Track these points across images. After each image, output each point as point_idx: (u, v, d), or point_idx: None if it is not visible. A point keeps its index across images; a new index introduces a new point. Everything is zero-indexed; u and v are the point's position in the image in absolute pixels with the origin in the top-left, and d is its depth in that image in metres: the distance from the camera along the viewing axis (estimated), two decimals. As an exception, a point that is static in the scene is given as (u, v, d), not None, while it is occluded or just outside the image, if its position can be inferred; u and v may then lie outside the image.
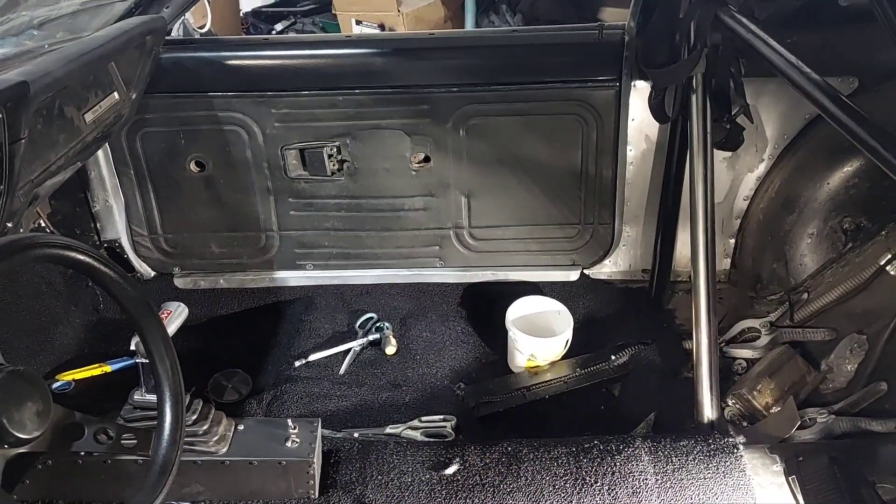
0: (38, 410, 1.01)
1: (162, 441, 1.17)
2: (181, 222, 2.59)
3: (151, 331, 1.21)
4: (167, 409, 1.19)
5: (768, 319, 2.25)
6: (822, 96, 1.57)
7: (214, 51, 2.34)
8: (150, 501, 1.08)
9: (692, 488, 1.69)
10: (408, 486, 1.73)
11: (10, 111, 1.50)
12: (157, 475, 1.13)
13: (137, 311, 1.20)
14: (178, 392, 1.21)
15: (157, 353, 1.21)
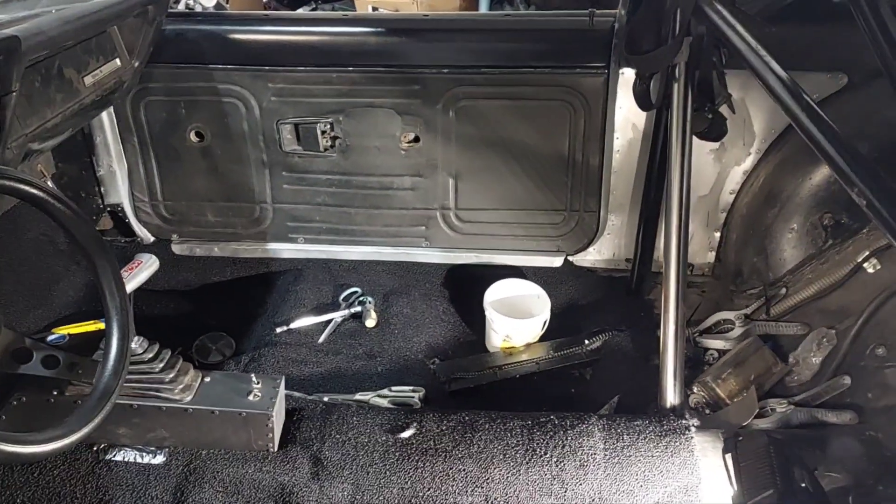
0: (-15, 331, 1.09)
1: (105, 371, 1.24)
2: (180, 190, 2.68)
3: (103, 266, 1.28)
4: (113, 342, 1.27)
5: (743, 312, 2.26)
6: (786, 95, 1.57)
7: (216, 24, 2.42)
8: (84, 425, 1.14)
9: (639, 465, 1.72)
10: (363, 445, 1.79)
11: (1, 64, 1.58)
12: (95, 401, 1.19)
13: (90, 247, 1.28)
14: (124, 326, 1.28)
15: (107, 289, 1.28)
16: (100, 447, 1.77)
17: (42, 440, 1.08)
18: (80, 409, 1.18)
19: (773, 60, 1.57)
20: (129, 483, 1.72)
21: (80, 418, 1.15)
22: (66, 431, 1.11)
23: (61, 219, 1.24)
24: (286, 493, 1.71)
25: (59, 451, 1.10)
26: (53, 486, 1.71)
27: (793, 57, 2.11)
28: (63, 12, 1.90)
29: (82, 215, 1.27)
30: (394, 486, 1.72)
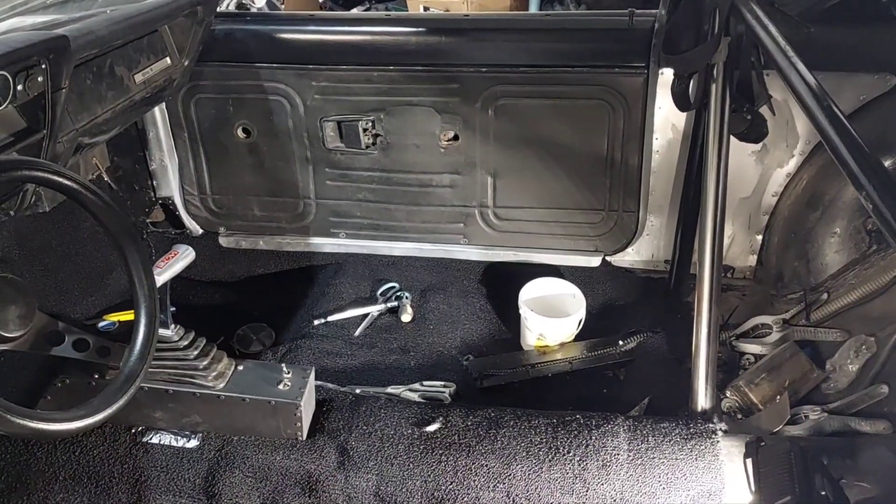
0: (21, 314, 1.16)
1: (132, 354, 1.31)
2: (228, 185, 2.77)
3: (132, 255, 1.35)
4: (141, 328, 1.33)
5: (782, 317, 2.21)
6: (810, 98, 1.53)
7: (263, 24, 2.50)
8: (108, 406, 1.21)
9: (663, 467, 1.71)
10: (389, 437, 1.83)
11: (52, 62, 1.68)
12: (120, 383, 1.26)
13: (120, 237, 1.34)
14: (152, 313, 1.34)
15: (136, 276, 1.35)
16: (137, 429, 1.86)
17: (67, 419, 1.15)
18: (105, 391, 1.25)
19: (801, 63, 1.53)
20: (164, 465, 1.80)
21: (104, 400, 1.22)
22: (91, 411, 1.18)
23: (93, 209, 1.32)
24: (312, 481, 1.77)
25: (82, 431, 1.17)
26: (93, 464, 1.80)
27: (837, 58, 2.07)
28: (114, 13, 2.00)
29: (113, 206, 1.34)
30: (417, 479, 1.76)
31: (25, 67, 1.61)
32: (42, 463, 1.79)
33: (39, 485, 1.77)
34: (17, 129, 1.72)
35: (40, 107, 1.73)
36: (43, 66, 1.67)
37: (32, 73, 1.65)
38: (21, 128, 1.72)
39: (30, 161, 1.25)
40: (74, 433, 1.16)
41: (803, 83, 1.48)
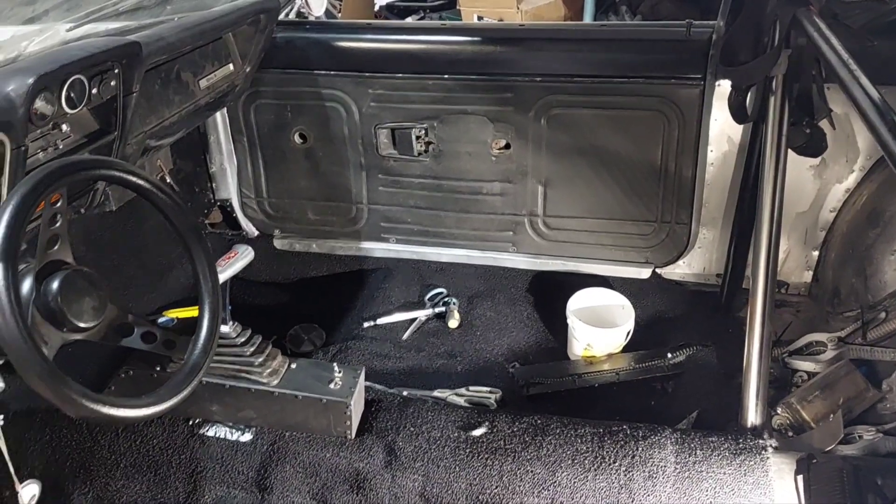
0: (94, 306, 1.23)
1: (196, 348, 1.37)
2: (284, 189, 2.84)
3: (198, 253, 1.41)
4: (204, 322, 1.39)
5: (837, 335, 2.16)
6: (873, 113, 1.51)
7: (322, 32, 2.57)
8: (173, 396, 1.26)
9: (710, 481, 1.69)
10: (435, 440, 1.85)
11: (124, 67, 1.76)
12: (184, 375, 1.31)
13: (188, 235, 1.40)
14: (216, 309, 1.40)
15: (202, 273, 1.40)
16: (194, 421, 1.92)
17: (136, 405, 1.20)
18: (170, 381, 1.30)
19: (864, 76, 1.51)
20: (219, 456, 1.85)
21: (170, 390, 1.27)
22: (157, 400, 1.24)
23: (163, 208, 1.38)
24: (360, 479, 1.80)
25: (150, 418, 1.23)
26: (152, 453, 1.87)
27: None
28: (183, 20, 2.08)
29: (182, 206, 1.40)
30: (462, 482, 1.78)
31: (100, 72, 1.70)
32: (104, 451, 1.87)
33: (101, 472, 1.84)
34: (90, 130, 1.80)
35: (112, 110, 1.82)
36: (116, 71, 1.75)
37: (106, 78, 1.73)
38: (94, 129, 1.81)
39: (108, 161, 1.32)
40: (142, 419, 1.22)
41: (866, 97, 1.46)
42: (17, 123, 1.44)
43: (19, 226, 1.06)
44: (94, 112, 1.79)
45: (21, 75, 1.44)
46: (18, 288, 1.05)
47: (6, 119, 1.41)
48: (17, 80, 1.43)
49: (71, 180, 1.19)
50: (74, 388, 1.09)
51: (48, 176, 1.13)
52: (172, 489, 1.82)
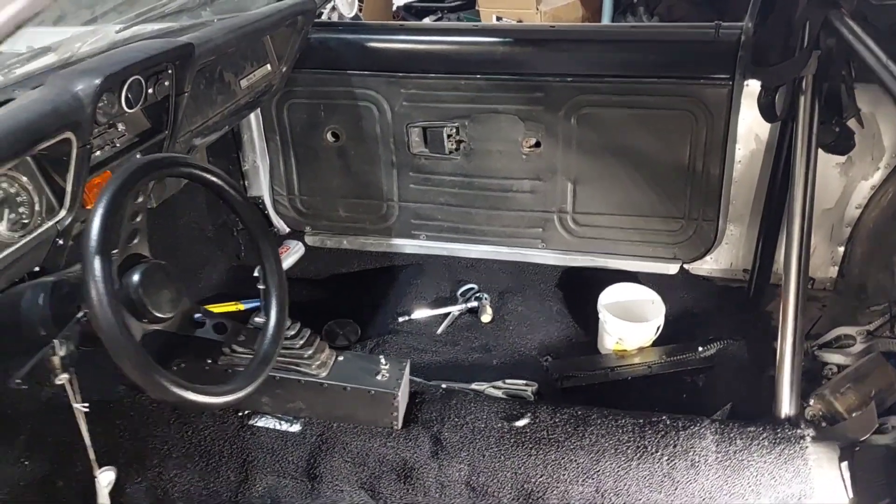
0: (171, 298, 1.28)
1: (266, 338, 1.42)
2: (315, 186, 2.89)
3: (265, 247, 1.46)
4: (273, 314, 1.44)
5: (866, 328, 2.21)
6: None
7: (356, 33, 2.61)
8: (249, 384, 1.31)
9: (751, 469, 1.75)
10: (480, 430, 1.90)
11: (178, 68, 1.81)
12: (257, 364, 1.37)
13: (256, 231, 1.46)
14: (283, 301, 1.45)
15: (268, 266, 1.46)
16: (244, 413, 1.97)
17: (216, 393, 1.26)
18: (244, 371, 1.35)
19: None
20: (270, 447, 1.91)
21: (245, 378, 1.33)
22: (235, 388, 1.29)
23: (234, 204, 1.43)
24: (408, 469, 1.85)
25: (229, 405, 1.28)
26: (204, 444, 1.92)
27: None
28: (227, 22, 2.13)
29: (251, 203, 1.45)
30: (507, 471, 1.83)
31: (156, 72, 1.75)
32: (157, 441, 1.92)
33: (154, 462, 1.89)
34: (142, 129, 1.85)
35: (164, 109, 1.87)
36: (170, 72, 1.81)
37: (161, 78, 1.78)
38: (145, 129, 1.86)
39: (188, 159, 1.37)
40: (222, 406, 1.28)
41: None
42: (84, 122, 1.49)
43: (112, 220, 1.10)
44: (146, 112, 1.84)
45: (88, 76, 1.49)
46: (114, 281, 1.11)
47: (75, 118, 1.46)
48: (85, 81, 1.48)
49: (156, 177, 1.24)
50: (164, 375, 1.14)
51: (136, 172, 1.18)
52: (224, 478, 1.86)
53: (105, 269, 1.07)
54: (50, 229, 1.52)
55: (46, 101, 1.38)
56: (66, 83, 1.45)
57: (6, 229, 1.41)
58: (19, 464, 1.91)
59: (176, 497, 1.85)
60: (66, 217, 1.55)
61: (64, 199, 1.53)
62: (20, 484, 1.87)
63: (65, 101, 1.42)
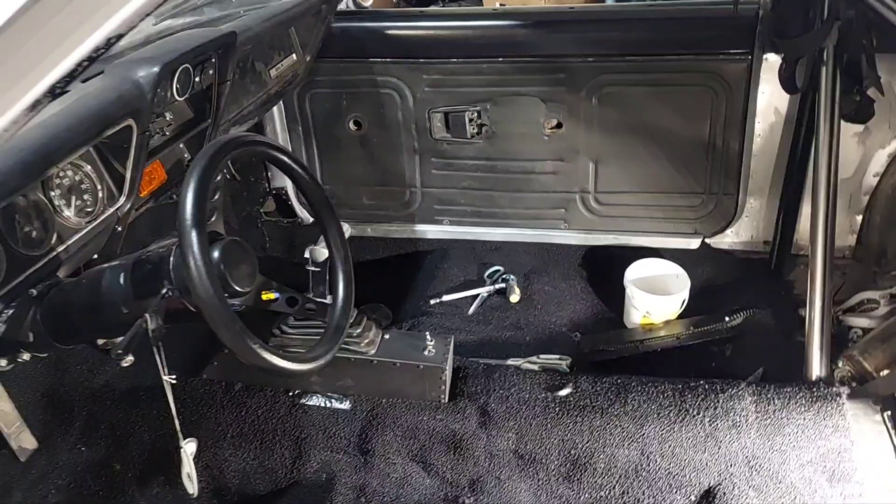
0: (248, 272, 1.32)
1: (336, 310, 1.47)
2: (339, 175, 2.93)
3: (330, 224, 1.51)
4: (341, 287, 1.49)
5: (889, 291, 2.28)
6: None
7: (378, 21, 2.66)
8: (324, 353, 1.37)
9: (791, 426, 1.81)
10: (525, 401, 1.96)
11: (220, 56, 1.85)
12: (332, 333, 1.42)
13: (322, 209, 1.51)
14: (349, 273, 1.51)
15: (334, 243, 1.51)
16: (294, 392, 2.02)
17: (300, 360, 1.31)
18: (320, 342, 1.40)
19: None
20: (322, 424, 1.95)
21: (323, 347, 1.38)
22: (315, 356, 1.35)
23: (302, 184, 1.48)
24: (457, 440, 1.91)
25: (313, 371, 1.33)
26: (257, 423, 1.97)
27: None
28: (259, 12, 2.17)
29: (317, 182, 1.50)
30: (554, 438, 1.88)
31: (201, 61, 1.79)
32: (211, 423, 1.96)
33: (209, 443, 1.93)
34: (186, 118, 1.90)
35: (206, 98, 1.91)
36: (213, 60, 1.85)
37: (206, 67, 1.83)
38: (189, 118, 1.91)
39: (262, 139, 1.42)
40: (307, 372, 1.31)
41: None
42: (144, 109, 1.54)
43: (205, 195, 1.15)
44: (189, 101, 1.88)
45: (146, 64, 1.54)
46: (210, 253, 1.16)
47: (136, 106, 1.51)
48: (145, 69, 1.53)
49: (236, 155, 1.28)
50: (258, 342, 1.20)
51: (221, 149, 1.23)
52: (279, 455, 1.91)
53: (202, 242, 1.12)
54: (111, 216, 1.57)
55: (111, 89, 1.43)
56: (126, 72, 1.50)
57: (74, 215, 1.45)
58: (76, 450, 1.95)
59: (231, 476, 1.90)
60: (125, 204, 1.60)
61: (123, 186, 1.58)
62: (78, 469, 1.91)
63: (127, 88, 1.46)
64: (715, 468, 1.77)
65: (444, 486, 1.83)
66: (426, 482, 1.85)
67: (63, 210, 1.41)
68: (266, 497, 1.87)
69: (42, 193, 1.37)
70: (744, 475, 1.75)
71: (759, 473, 1.75)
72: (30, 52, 0.63)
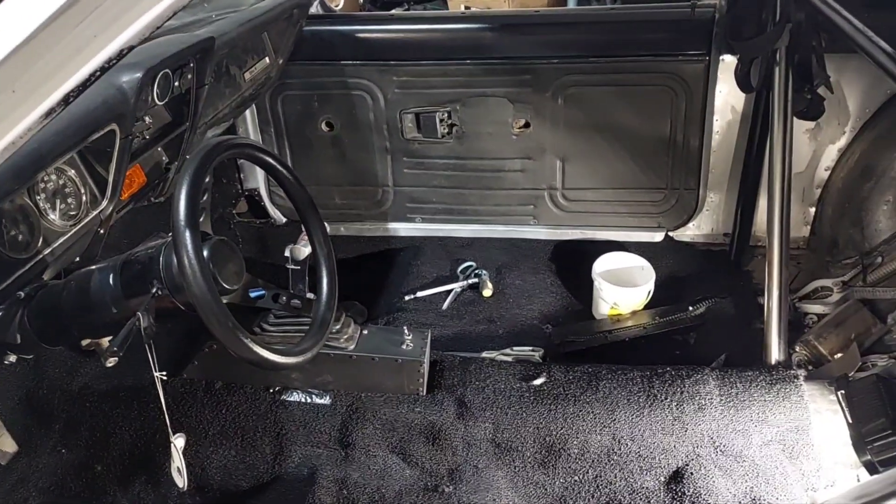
0: (236, 270, 1.37)
1: (321, 305, 1.52)
2: (311, 176, 2.96)
3: (315, 223, 1.56)
4: (324, 283, 1.54)
5: (841, 279, 2.40)
6: None
7: (348, 24, 2.71)
8: (311, 347, 1.42)
9: (753, 407, 1.91)
10: (501, 391, 2.03)
11: (198, 61, 1.89)
12: (317, 328, 1.47)
13: (306, 209, 1.56)
14: (332, 270, 1.56)
15: (318, 241, 1.56)
16: (275, 389, 2.06)
17: (288, 354, 1.36)
18: (306, 336, 1.45)
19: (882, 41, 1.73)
20: (302, 419, 2.00)
21: (308, 342, 1.43)
22: (304, 349, 1.40)
23: (285, 183, 1.52)
24: (435, 431, 1.97)
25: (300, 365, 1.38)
26: (238, 420, 2.00)
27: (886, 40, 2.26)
28: (233, 16, 2.20)
29: (301, 182, 1.55)
30: (530, 426, 1.95)
31: (180, 66, 1.82)
32: (193, 421, 1.99)
33: (190, 441, 1.94)
34: (164, 122, 1.93)
35: (184, 102, 1.94)
36: (191, 65, 1.88)
37: (185, 71, 1.86)
38: (167, 121, 1.94)
39: (248, 141, 1.46)
40: (294, 366, 1.36)
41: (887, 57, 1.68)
42: (128, 114, 1.57)
43: (198, 196, 1.19)
44: (167, 105, 1.91)
45: (129, 70, 1.57)
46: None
47: (120, 110, 1.54)
48: (128, 74, 1.56)
49: (225, 157, 1.33)
50: (249, 337, 1.24)
51: (211, 152, 1.27)
52: (260, 451, 1.95)
53: (196, 240, 1.16)
54: (94, 219, 1.60)
55: (96, 94, 1.46)
56: (110, 77, 1.51)
57: (59, 218, 1.48)
58: (57, 452, 1.97)
59: (213, 472, 1.93)
60: (108, 206, 1.63)
61: (106, 189, 1.61)
62: (59, 472, 1.93)
63: (111, 93, 1.49)
64: (682, 450, 1.86)
65: (423, 476, 1.89)
66: (406, 473, 1.90)
67: (48, 213, 1.44)
68: (248, 492, 1.90)
69: (28, 198, 1.39)
70: (710, 455, 1.84)
71: (723, 453, 1.84)
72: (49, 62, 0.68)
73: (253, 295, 1.45)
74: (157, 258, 1.29)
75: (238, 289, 1.38)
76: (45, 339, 1.42)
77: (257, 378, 2.05)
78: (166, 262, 1.28)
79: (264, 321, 1.99)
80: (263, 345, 1.27)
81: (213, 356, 2.02)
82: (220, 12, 2.33)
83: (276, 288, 1.48)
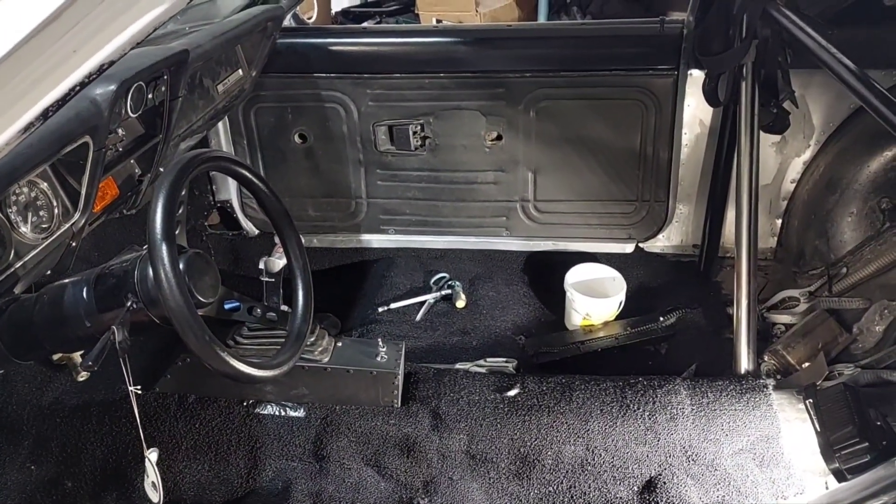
0: (211, 284, 1.36)
1: (296, 318, 1.52)
2: (284, 188, 2.95)
3: (289, 235, 1.56)
4: (300, 295, 1.54)
5: (808, 289, 2.46)
6: (861, 87, 1.79)
7: (322, 37, 2.71)
8: (288, 359, 1.41)
9: (724, 417, 1.94)
10: (475, 403, 2.04)
11: (172, 73, 1.88)
12: (293, 341, 1.46)
13: (281, 221, 1.55)
14: (308, 282, 1.55)
15: (293, 253, 1.56)
16: (249, 402, 2.04)
17: (264, 367, 1.35)
18: (282, 349, 1.45)
19: (845, 57, 1.79)
20: (276, 433, 1.98)
21: (284, 355, 1.42)
22: (280, 362, 1.39)
23: (260, 195, 1.52)
24: (410, 443, 1.96)
25: (275, 378, 1.37)
26: (212, 434, 1.98)
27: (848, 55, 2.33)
28: (207, 29, 2.20)
29: (276, 195, 1.55)
30: (504, 437, 1.96)
31: (154, 78, 1.81)
32: (166, 436, 1.97)
33: (163, 456, 1.93)
34: (137, 134, 1.91)
35: (158, 114, 1.93)
36: (165, 77, 1.87)
37: (158, 84, 1.85)
38: (140, 134, 1.92)
39: (224, 154, 1.46)
40: (271, 379, 1.36)
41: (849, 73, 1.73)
42: (101, 126, 1.56)
43: (174, 209, 1.19)
44: (140, 117, 1.89)
45: (103, 82, 1.56)
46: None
47: (94, 123, 1.53)
48: (101, 87, 1.55)
49: (201, 170, 1.32)
50: (225, 350, 1.23)
51: (187, 165, 1.27)
52: (234, 466, 1.93)
53: (172, 253, 1.15)
54: (66, 232, 1.58)
55: (69, 106, 1.43)
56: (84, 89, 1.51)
57: (31, 231, 1.46)
58: (25, 468, 1.93)
59: (187, 487, 1.90)
60: (80, 219, 1.61)
61: (79, 201, 1.59)
62: (28, 489, 1.89)
63: (84, 106, 1.48)
64: (655, 459, 1.88)
65: (398, 488, 1.89)
66: (381, 486, 1.90)
67: (20, 226, 1.42)
68: (222, 507, 1.89)
69: (-1, 211, 1.37)
70: (682, 465, 1.87)
71: (695, 462, 1.87)
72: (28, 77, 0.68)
73: (228, 307, 1.45)
74: (131, 271, 1.28)
75: (213, 302, 1.37)
76: (16, 353, 1.40)
77: (231, 391, 2.03)
78: (141, 276, 1.27)
79: (238, 334, 1.97)
80: (240, 358, 1.27)
81: (187, 370, 2.00)
82: (193, 24, 2.32)
83: (251, 300, 1.48)
